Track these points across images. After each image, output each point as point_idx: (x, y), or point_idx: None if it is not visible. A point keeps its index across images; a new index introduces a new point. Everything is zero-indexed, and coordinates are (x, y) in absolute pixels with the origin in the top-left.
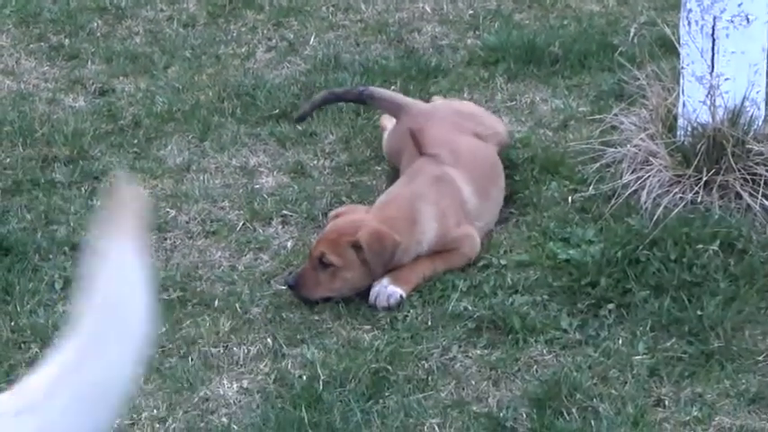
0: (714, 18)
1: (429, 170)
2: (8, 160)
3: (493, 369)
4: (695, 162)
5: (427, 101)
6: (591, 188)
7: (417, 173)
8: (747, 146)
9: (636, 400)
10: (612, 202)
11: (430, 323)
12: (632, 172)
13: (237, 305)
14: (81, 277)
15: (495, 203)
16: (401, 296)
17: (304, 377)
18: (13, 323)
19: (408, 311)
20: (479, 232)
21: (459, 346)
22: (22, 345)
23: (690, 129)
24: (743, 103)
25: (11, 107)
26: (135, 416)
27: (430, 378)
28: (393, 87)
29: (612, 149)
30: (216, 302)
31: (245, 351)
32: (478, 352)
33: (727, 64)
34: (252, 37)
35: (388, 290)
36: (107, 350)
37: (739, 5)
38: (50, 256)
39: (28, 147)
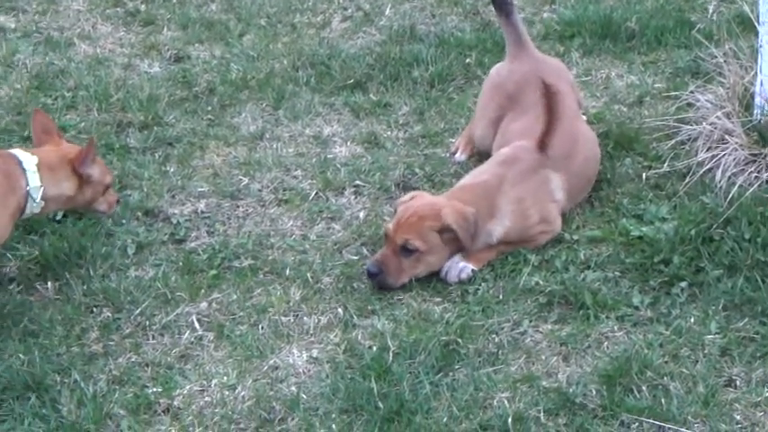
0: None
1: (528, 165)
2: (83, 125)
3: (563, 344)
4: None
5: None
6: (665, 165)
7: (515, 161)
8: None
9: (707, 380)
10: (687, 179)
11: (501, 297)
12: (707, 150)
13: (309, 274)
14: (154, 243)
15: (583, 194)
16: (472, 270)
17: (374, 348)
18: (85, 287)
19: (479, 285)
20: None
21: (530, 321)
22: (94, 309)
23: (766, 107)
24: None
25: (87, 72)
26: (205, 382)
27: (500, 352)
28: (468, 60)
29: (688, 127)
30: (287, 271)
31: (316, 320)
32: (549, 327)
33: None
34: (327, 6)
35: (459, 265)
36: None
37: None
38: (123, 221)
39: (103, 111)
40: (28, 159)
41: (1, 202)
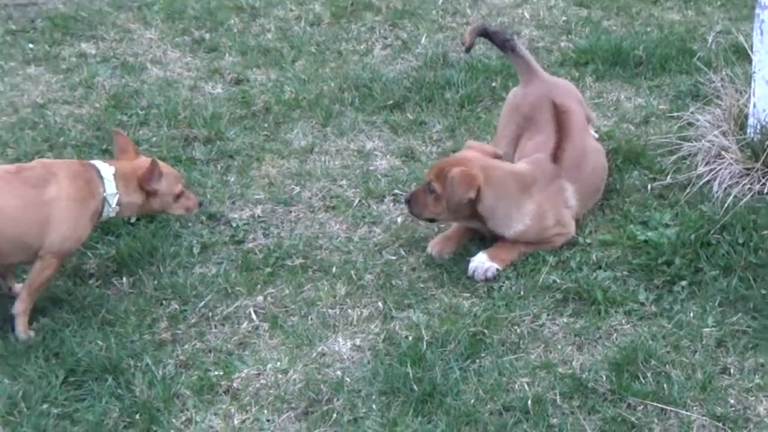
0: None
1: (547, 174)
2: (154, 139)
3: (577, 335)
4: (763, 157)
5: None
6: (668, 177)
7: (538, 170)
8: None
9: (704, 368)
10: (687, 190)
11: (522, 293)
12: (706, 164)
13: (352, 272)
14: (216, 244)
15: (594, 200)
16: (497, 270)
17: (410, 337)
18: (156, 282)
19: (503, 282)
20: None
21: (548, 314)
22: (164, 301)
23: (759, 127)
24: None
25: (158, 92)
26: (261, 367)
27: (521, 342)
28: (494, 84)
29: (688, 144)
30: (333, 269)
31: (359, 313)
32: (565, 320)
33: None
34: (370, 36)
35: (485, 265)
36: None
37: None
38: (189, 224)
39: (172, 127)
40: (106, 169)
41: (82, 204)
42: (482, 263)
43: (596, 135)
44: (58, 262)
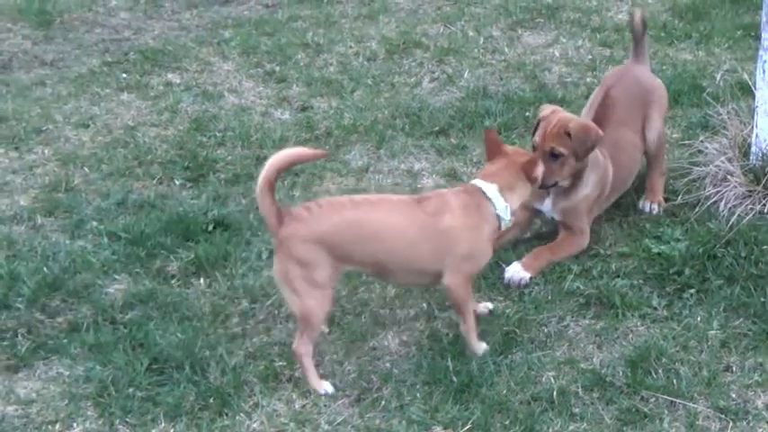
0: None
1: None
2: (230, 158)
3: (597, 335)
4: (764, 181)
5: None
6: (680, 198)
7: None
8: None
9: (709, 366)
10: (696, 209)
11: (550, 297)
12: (713, 187)
13: None
14: None
15: (618, 193)
16: (530, 278)
17: (450, 335)
18: (229, 283)
19: (533, 288)
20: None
21: (572, 317)
22: (236, 300)
23: (760, 154)
24: None
25: (233, 117)
26: (320, 358)
27: (548, 340)
28: (527, 114)
29: (698, 168)
30: None
31: (406, 313)
32: (587, 322)
33: None
34: (419, 70)
35: (519, 274)
36: None
37: None
38: (259, 233)
39: (245, 148)
40: (490, 189)
41: (476, 231)
42: (516, 272)
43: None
44: (464, 283)
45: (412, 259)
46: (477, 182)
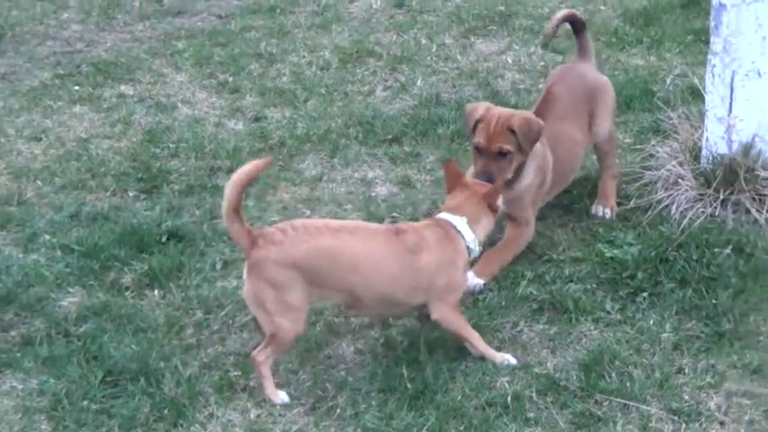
0: (733, 72)
1: None
2: (183, 169)
3: (551, 340)
4: (714, 184)
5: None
6: (632, 202)
7: None
8: (756, 172)
9: (662, 368)
10: (649, 213)
11: (503, 303)
12: (665, 190)
13: None
14: (236, 261)
15: (559, 187)
16: (483, 284)
17: (405, 343)
18: (183, 294)
19: (487, 294)
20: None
21: (526, 322)
22: (190, 311)
23: (711, 158)
24: (753, 139)
25: (187, 128)
26: (274, 368)
27: (502, 346)
28: None
29: (650, 172)
30: None
31: (361, 321)
32: (540, 327)
33: (742, 108)
34: (372, 79)
35: (473, 281)
36: None
37: (753, 63)
38: (213, 243)
39: (199, 159)
40: (459, 222)
41: (453, 264)
42: (470, 280)
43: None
44: (453, 312)
45: (387, 292)
46: (446, 215)
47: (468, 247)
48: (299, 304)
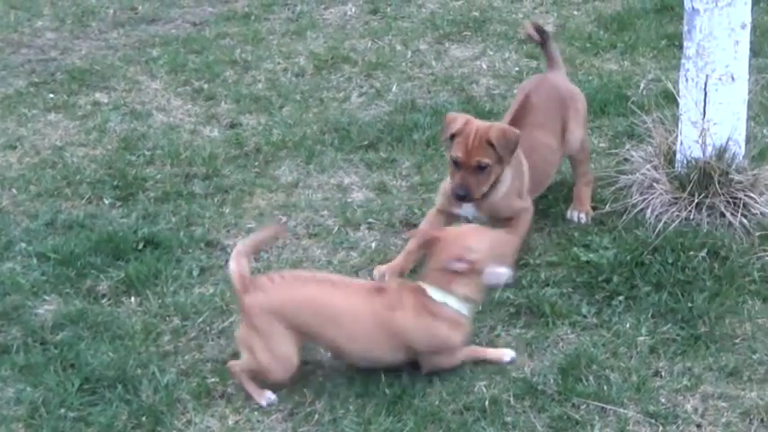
0: (706, 76)
1: None
2: (159, 176)
3: (528, 344)
4: (689, 188)
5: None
6: (607, 206)
7: None
8: (730, 176)
9: (639, 371)
10: (624, 217)
11: (480, 308)
12: (640, 194)
13: None
14: (213, 267)
15: (534, 195)
16: (510, 274)
17: None
18: (160, 301)
19: None
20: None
21: (503, 326)
22: (167, 318)
23: (685, 162)
24: (727, 142)
25: (162, 136)
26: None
27: None
28: None
29: (625, 177)
30: None
31: None
32: (517, 331)
33: (715, 112)
34: (348, 85)
35: (499, 273)
36: None
37: (726, 66)
38: (190, 250)
39: (174, 166)
40: (430, 289)
41: (430, 329)
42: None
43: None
44: (446, 365)
45: (368, 348)
46: (422, 283)
47: (458, 311)
48: (285, 351)
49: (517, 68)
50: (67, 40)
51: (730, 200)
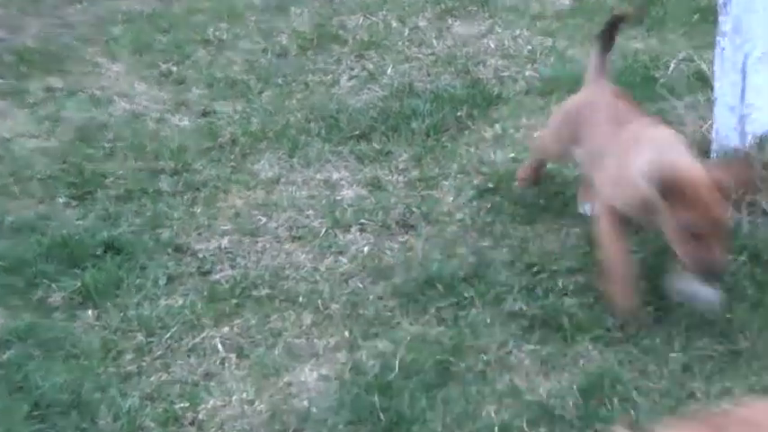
0: (745, 55)
1: None
2: (121, 172)
3: (544, 362)
4: None
5: None
6: None
7: None
8: None
9: (671, 393)
10: None
11: (489, 321)
12: None
13: (319, 302)
14: (182, 275)
15: None
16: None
17: (376, 367)
18: (121, 314)
19: (470, 311)
20: None
21: (515, 342)
22: (129, 333)
23: (722, 152)
24: None
25: (125, 125)
26: (227, 398)
27: (488, 369)
28: (459, 113)
29: None
30: (300, 299)
31: (325, 342)
32: (531, 347)
33: (756, 96)
34: (336, 67)
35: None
36: None
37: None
38: (155, 256)
39: (139, 160)
40: None
41: None
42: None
43: None
44: None
45: None
46: None
47: None
48: None
49: (529, 47)
50: (16, 17)
51: None
